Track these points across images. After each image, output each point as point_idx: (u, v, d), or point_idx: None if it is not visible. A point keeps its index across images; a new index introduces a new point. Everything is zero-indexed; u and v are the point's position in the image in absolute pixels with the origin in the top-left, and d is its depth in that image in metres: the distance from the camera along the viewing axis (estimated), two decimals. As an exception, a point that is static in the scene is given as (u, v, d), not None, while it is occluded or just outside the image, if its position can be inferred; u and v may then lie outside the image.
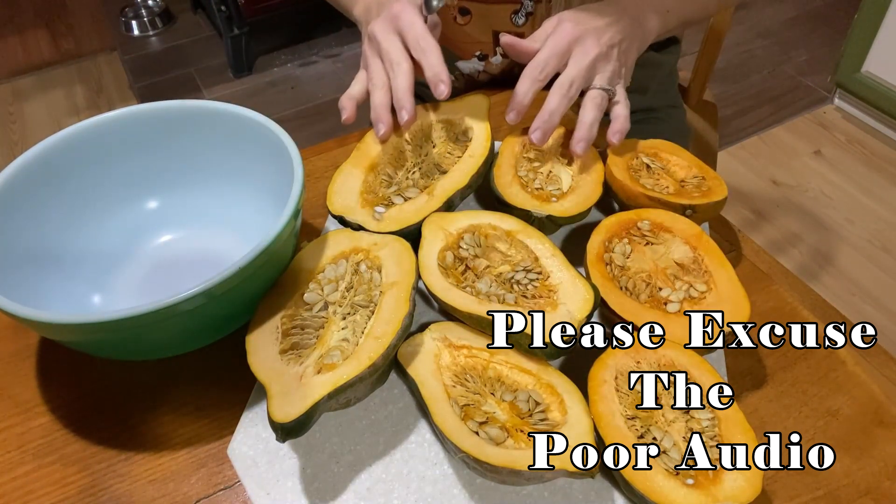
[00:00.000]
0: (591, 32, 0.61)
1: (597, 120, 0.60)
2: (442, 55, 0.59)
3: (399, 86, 0.58)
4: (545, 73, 0.60)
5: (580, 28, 0.61)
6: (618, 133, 0.60)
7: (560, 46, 0.60)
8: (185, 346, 0.50)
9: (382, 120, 0.59)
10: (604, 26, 0.62)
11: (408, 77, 0.59)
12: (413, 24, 0.60)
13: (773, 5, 2.51)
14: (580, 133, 0.59)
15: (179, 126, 0.58)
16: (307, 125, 2.12)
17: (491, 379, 0.47)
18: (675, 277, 0.53)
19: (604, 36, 0.61)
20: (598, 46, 0.60)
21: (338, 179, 0.59)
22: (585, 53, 0.60)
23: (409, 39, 0.60)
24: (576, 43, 0.60)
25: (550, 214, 0.56)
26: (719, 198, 0.57)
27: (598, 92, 0.60)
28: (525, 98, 0.59)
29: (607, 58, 0.61)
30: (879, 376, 0.52)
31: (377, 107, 0.59)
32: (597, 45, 0.60)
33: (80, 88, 2.30)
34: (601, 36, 0.61)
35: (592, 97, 0.60)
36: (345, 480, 0.46)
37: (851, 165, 1.88)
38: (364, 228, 0.55)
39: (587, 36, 0.60)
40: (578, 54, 0.60)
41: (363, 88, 0.62)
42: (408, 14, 0.60)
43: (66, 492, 0.47)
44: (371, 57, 0.61)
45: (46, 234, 0.55)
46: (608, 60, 0.61)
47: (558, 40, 0.60)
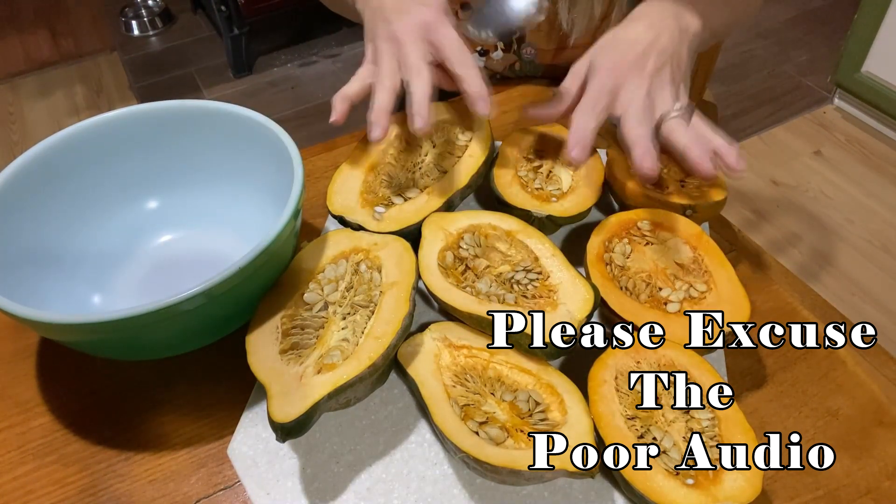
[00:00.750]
0: (631, 69, 0.55)
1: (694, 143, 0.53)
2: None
3: (418, 92, 0.54)
4: (599, 109, 0.54)
5: (618, 69, 0.55)
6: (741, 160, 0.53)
7: (607, 87, 0.55)
8: (185, 346, 0.50)
9: (381, 123, 0.54)
10: (642, 53, 0.56)
11: (428, 85, 0.54)
12: (451, 38, 0.56)
13: (773, 5, 2.51)
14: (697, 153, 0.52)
15: (179, 126, 0.58)
16: (307, 125, 2.12)
17: (491, 379, 0.47)
18: (675, 277, 0.53)
19: (647, 65, 0.56)
20: (646, 79, 0.55)
21: (338, 179, 0.59)
22: (637, 90, 0.55)
23: (447, 52, 0.55)
24: (621, 79, 0.55)
25: (550, 214, 0.56)
26: (719, 198, 0.57)
27: (676, 120, 0.54)
28: (587, 133, 0.54)
29: (661, 85, 0.56)
30: (879, 376, 0.52)
31: (378, 109, 0.55)
32: (644, 78, 0.55)
33: (80, 88, 2.30)
34: (643, 67, 0.56)
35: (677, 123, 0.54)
36: (345, 480, 0.46)
37: (851, 165, 1.88)
38: (364, 228, 0.55)
39: (630, 75, 0.55)
40: (629, 93, 0.55)
41: (361, 88, 0.57)
42: (445, 27, 0.56)
43: (66, 492, 0.47)
44: (386, 56, 0.56)
45: (46, 234, 0.55)
46: (662, 87, 0.56)
47: (603, 82, 0.55)
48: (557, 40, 0.79)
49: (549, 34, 0.79)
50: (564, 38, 0.77)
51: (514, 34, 0.80)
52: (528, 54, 0.82)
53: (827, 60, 2.22)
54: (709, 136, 0.55)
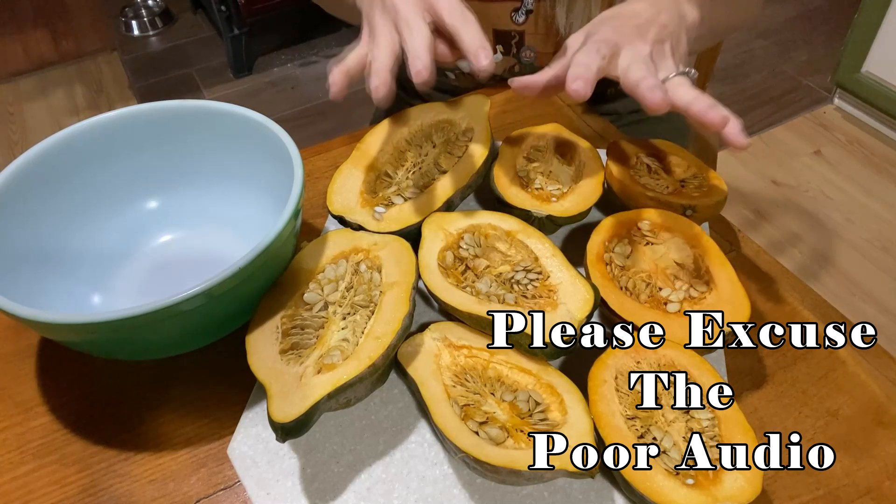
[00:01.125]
0: (633, 32, 0.53)
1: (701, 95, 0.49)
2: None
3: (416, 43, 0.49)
4: (602, 54, 0.51)
5: (620, 32, 0.53)
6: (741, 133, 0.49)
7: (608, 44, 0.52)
8: (185, 346, 0.50)
9: (382, 79, 0.49)
10: (643, 24, 0.54)
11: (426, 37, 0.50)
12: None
13: (773, 5, 2.51)
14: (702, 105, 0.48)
15: (179, 126, 0.58)
16: (307, 125, 2.12)
17: (491, 379, 0.47)
18: (675, 277, 0.53)
19: (648, 34, 0.53)
20: (647, 44, 0.53)
21: (338, 179, 0.59)
22: (638, 51, 0.52)
23: (443, 8, 0.51)
24: (623, 41, 0.53)
25: (550, 214, 0.56)
26: (719, 198, 0.57)
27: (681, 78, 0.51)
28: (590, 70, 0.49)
29: (662, 54, 0.53)
30: (879, 376, 0.52)
31: (379, 68, 0.49)
32: (646, 43, 0.53)
33: (80, 88, 2.30)
34: (645, 34, 0.53)
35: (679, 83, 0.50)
36: (345, 480, 0.46)
37: (851, 165, 1.88)
38: (364, 228, 0.55)
39: (631, 37, 0.53)
40: (630, 52, 0.52)
41: (359, 61, 0.53)
42: None
43: (66, 492, 0.47)
44: (383, 24, 0.52)
45: (46, 234, 0.55)
46: (663, 56, 0.53)
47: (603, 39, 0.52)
48: (555, 44, 0.79)
49: (547, 37, 0.79)
50: (562, 41, 0.77)
51: (520, 42, 0.79)
52: (527, 57, 0.82)
53: (827, 60, 2.22)
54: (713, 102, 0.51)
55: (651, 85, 0.48)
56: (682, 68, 0.52)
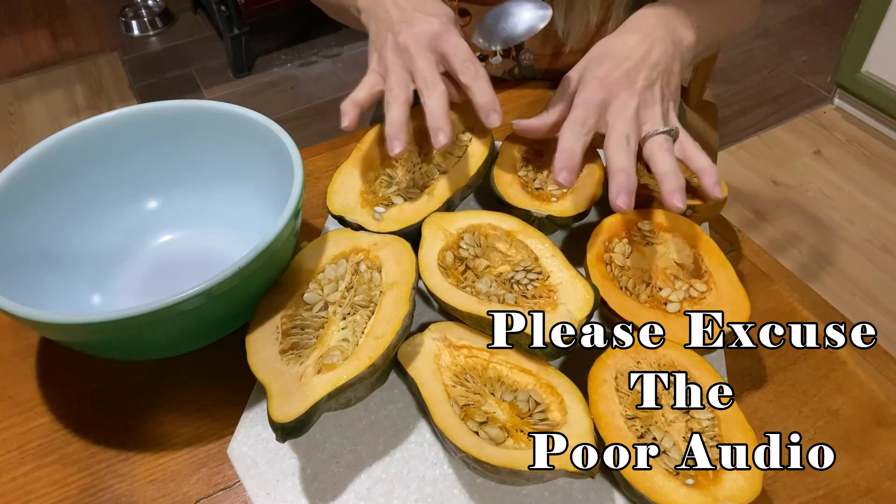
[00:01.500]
0: (621, 84, 0.56)
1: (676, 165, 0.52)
2: None
3: (436, 106, 0.54)
4: (587, 128, 0.55)
5: (607, 82, 0.56)
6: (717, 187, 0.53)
7: (594, 101, 0.55)
8: (185, 346, 0.50)
9: (400, 139, 0.53)
10: (633, 67, 0.56)
11: (445, 99, 0.54)
12: (460, 48, 0.55)
13: (773, 5, 2.51)
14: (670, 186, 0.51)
15: (179, 126, 0.58)
16: (307, 125, 2.12)
17: (491, 379, 0.47)
18: (675, 277, 0.53)
19: (637, 81, 0.56)
20: (635, 96, 0.55)
21: (338, 179, 0.59)
22: (625, 106, 0.55)
23: (457, 63, 0.55)
24: (610, 97, 0.55)
25: (550, 214, 0.56)
26: (719, 198, 0.57)
27: (662, 137, 0.54)
28: (574, 156, 0.53)
29: (650, 102, 0.56)
30: (879, 376, 0.52)
31: (395, 123, 0.54)
32: (633, 94, 0.55)
33: (80, 88, 2.30)
34: (633, 82, 0.56)
35: (659, 145, 0.53)
36: (345, 480, 0.46)
37: (851, 165, 1.88)
38: (364, 228, 0.55)
39: (619, 90, 0.55)
40: (616, 109, 0.55)
41: (370, 95, 0.57)
42: (454, 37, 0.56)
43: (66, 492, 0.47)
44: (396, 67, 0.56)
45: (46, 234, 0.55)
46: (652, 104, 0.56)
47: (590, 96, 0.55)
48: (554, 46, 0.80)
49: (546, 41, 0.79)
50: (561, 44, 0.77)
51: (519, 45, 0.80)
52: (526, 60, 0.82)
53: (827, 60, 2.22)
54: (693, 155, 0.55)
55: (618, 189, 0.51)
56: (665, 126, 0.55)
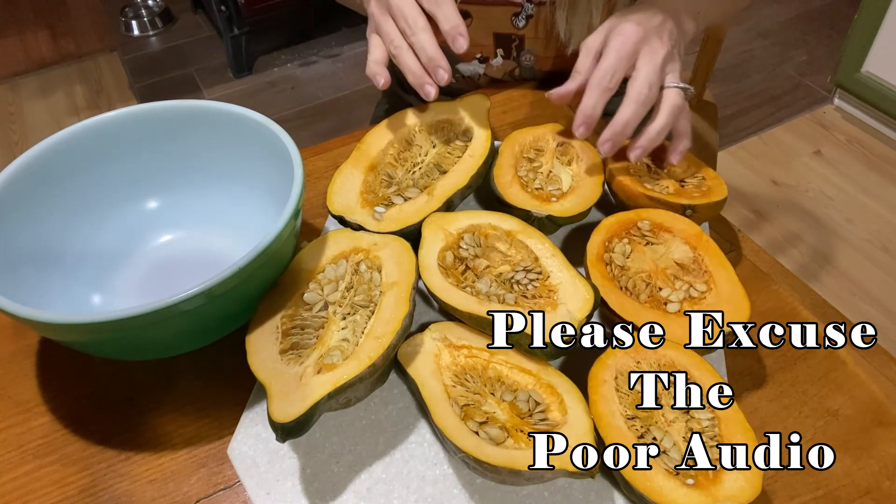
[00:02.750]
0: (653, 32, 0.57)
1: (668, 127, 0.56)
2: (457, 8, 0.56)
3: (425, 44, 0.55)
4: (615, 80, 0.56)
5: (643, 28, 0.57)
6: (679, 154, 0.57)
7: (627, 48, 0.56)
8: (185, 346, 0.50)
9: (428, 81, 0.55)
10: (659, 25, 0.58)
11: (430, 34, 0.55)
12: None
13: (773, 5, 2.51)
14: (640, 141, 0.55)
15: (179, 126, 0.58)
16: (307, 125, 2.11)
17: (491, 379, 0.47)
18: (675, 277, 0.53)
19: (664, 34, 0.58)
20: (664, 45, 0.57)
21: (338, 179, 0.59)
22: (655, 53, 0.56)
23: None
24: (642, 43, 0.57)
25: (550, 214, 0.56)
26: (719, 198, 0.57)
27: (676, 91, 0.56)
28: (595, 111, 0.56)
29: (673, 56, 0.58)
30: (879, 376, 0.52)
31: (415, 71, 0.56)
32: (662, 44, 0.57)
33: (80, 88, 2.30)
34: (662, 34, 0.58)
35: (672, 98, 0.56)
36: (345, 480, 0.46)
37: (851, 165, 1.88)
38: (364, 228, 0.55)
39: (651, 35, 0.57)
40: (647, 54, 0.56)
41: (384, 52, 0.58)
42: None
43: (66, 492, 0.47)
44: (381, 16, 0.58)
45: (46, 234, 0.55)
46: (674, 59, 0.58)
47: (624, 42, 0.56)
48: (556, 48, 0.80)
49: (547, 42, 0.79)
50: (563, 46, 0.77)
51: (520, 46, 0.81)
52: (527, 61, 0.82)
53: (827, 60, 2.22)
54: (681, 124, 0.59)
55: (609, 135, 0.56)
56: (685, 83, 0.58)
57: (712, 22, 0.70)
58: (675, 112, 0.56)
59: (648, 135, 0.56)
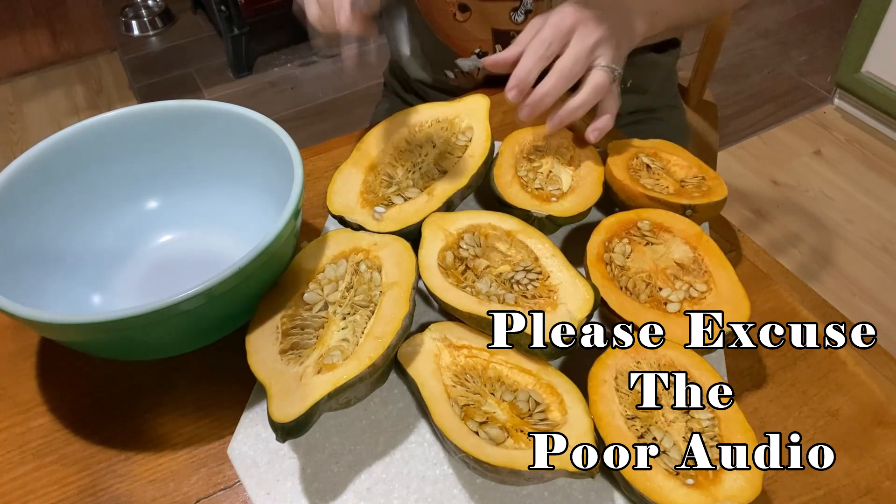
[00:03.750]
0: (592, 17, 0.59)
1: (589, 104, 0.58)
2: None
3: None
4: (551, 51, 0.58)
5: (584, 12, 0.59)
6: (597, 131, 0.58)
7: (565, 24, 0.58)
8: (185, 346, 0.50)
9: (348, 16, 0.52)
10: (601, 13, 0.60)
11: None
12: None
13: (773, 5, 2.51)
14: (562, 112, 0.57)
15: (179, 126, 0.58)
16: (307, 125, 2.11)
17: (491, 379, 0.47)
18: (675, 277, 0.53)
19: (604, 21, 0.60)
20: (600, 29, 0.59)
21: (338, 179, 0.59)
22: (589, 34, 0.58)
23: None
24: (579, 23, 0.58)
25: (550, 214, 0.56)
26: (719, 198, 0.57)
27: (603, 71, 0.58)
28: (529, 75, 0.57)
29: (607, 41, 0.59)
30: (879, 376, 0.52)
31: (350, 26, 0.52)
32: (599, 27, 0.59)
33: (80, 88, 2.30)
34: (602, 21, 0.59)
35: (597, 76, 0.58)
36: (345, 480, 0.46)
37: (851, 165, 1.88)
38: (364, 228, 0.55)
39: (589, 19, 0.59)
40: (581, 34, 0.58)
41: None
42: None
43: (66, 492, 0.47)
44: None
45: (46, 234, 0.55)
46: (607, 43, 0.59)
47: (563, 19, 0.58)
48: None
49: None
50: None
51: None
52: None
53: (827, 60, 2.21)
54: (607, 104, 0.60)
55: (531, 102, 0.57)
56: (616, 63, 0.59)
57: (678, 24, 0.71)
58: (598, 90, 0.58)
59: (567, 108, 0.58)
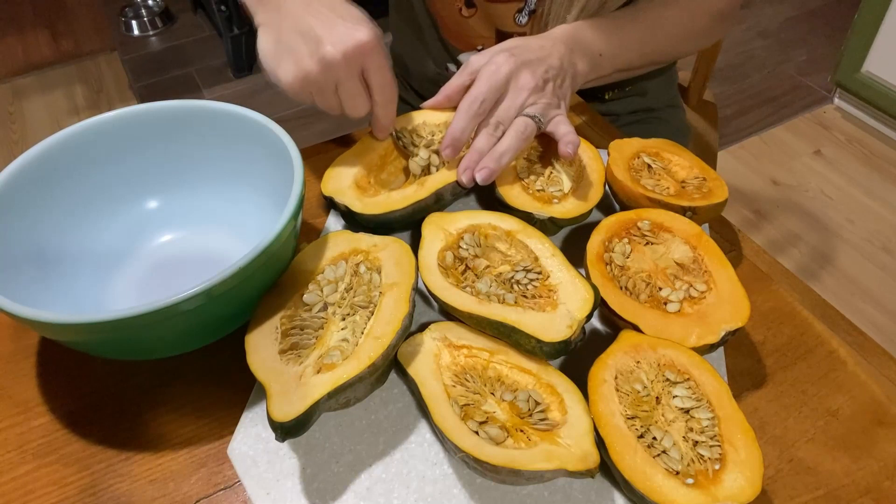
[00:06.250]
0: (526, 66, 0.60)
1: (512, 149, 0.58)
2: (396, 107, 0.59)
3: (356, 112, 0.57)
4: (483, 108, 0.59)
5: (515, 60, 0.60)
6: (571, 144, 0.58)
7: (497, 80, 0.59)
8: (185, 346, 0.50)
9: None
10: (537, 60, 0.61)
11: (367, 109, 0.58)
12: (382, 69, 0.56)
13: (772, 5, 2.51)
14: (485, 161, 0.57)
15: (179, 126, 0.58)
16: (307, 125, 2.12)
17: (491, 379, 0.47)
18: (675, 277, 0.53)
19: (538, 69, 0.61)
20: (533, 79, 0.60)
21: (336, 166, 0.60)
22: (521, 89, 0.59)
23: (375, 83, 0.56)
24: (512, 76, 0.59)
25: (553, 216, 0.56)
26: (720, 199, 0.57)
27: (524, 119, 0.59)
28: (463, 134, 0.59)
29: (542, 91, 0.60)
30: (879, 376, 0.52)
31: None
32: (532, 78, 0.60)
33: (80, 88, 2.30)
34: (537, 69, 0.60)
35: (516, 125, 0.59)
36: (345, 480, 0.46)
37: (851, 165, 1.88)
38: (350, 210, 0.56)
39: (522, 69, 0.60)
40: (513, 90, 0.59)
41: None
42: (378, 56, 0.55)
43: (66, 492, 0.47)
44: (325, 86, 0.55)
45: (46, 234, 0.55)
46: (542, 94, 0.60)
47: (494, 73, 0.59)
48: None
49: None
50: None
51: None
52: None
53: (827, 60, 2.22)
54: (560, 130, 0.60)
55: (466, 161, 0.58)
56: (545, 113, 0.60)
57: (627, 67, 0.72)
58: (521, 136, 0.58)
59: (491, 155, 0.58)
